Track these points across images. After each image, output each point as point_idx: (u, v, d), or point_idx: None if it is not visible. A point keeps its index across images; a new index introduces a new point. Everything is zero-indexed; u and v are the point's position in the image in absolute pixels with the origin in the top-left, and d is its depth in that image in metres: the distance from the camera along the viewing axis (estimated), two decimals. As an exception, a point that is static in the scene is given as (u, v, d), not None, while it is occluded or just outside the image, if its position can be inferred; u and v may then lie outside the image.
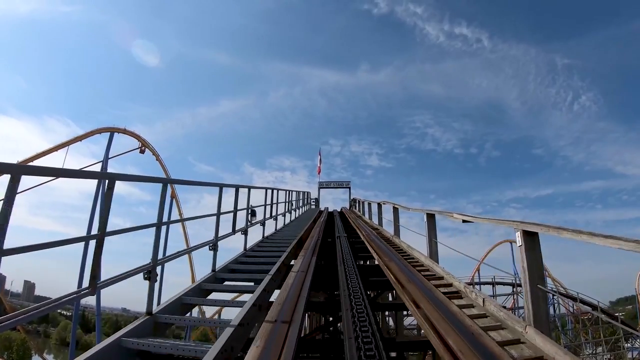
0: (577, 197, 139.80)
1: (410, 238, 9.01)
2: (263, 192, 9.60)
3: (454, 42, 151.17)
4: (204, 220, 5.63)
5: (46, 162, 28.26)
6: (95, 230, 2.94)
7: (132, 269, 3.44)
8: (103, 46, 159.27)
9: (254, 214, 8.11)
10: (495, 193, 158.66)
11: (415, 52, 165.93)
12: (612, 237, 2.64)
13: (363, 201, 18.69)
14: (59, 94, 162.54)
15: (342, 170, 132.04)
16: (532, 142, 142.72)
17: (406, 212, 9.88)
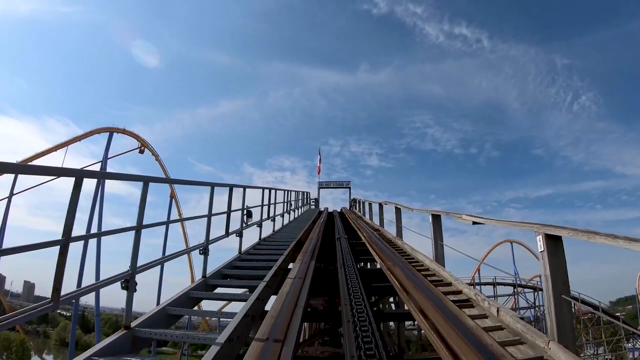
0: (576, 197, 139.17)
1: (411, 239, 8.70)
2: (260, 192, 9.24)
3: (453, 42, 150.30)
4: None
5: (46, 162, 28.02)
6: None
7: (108, 277, 3.08)
8: (103, 47, 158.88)
9: (249, 214, 7.72)
10: (495, 193, 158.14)
11: (415, 52, 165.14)
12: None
13: (363, 201, 18.32)
14: (59, 94, 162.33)
15: (342, 170, 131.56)
16: (532, 142, 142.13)
17: (406, 213, 9.49)
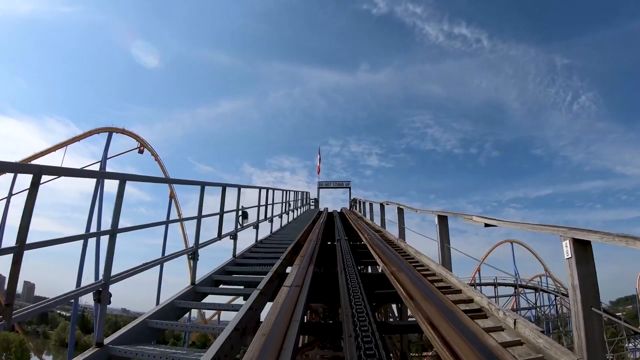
0: (576, 197, 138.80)
1: (413, 240, 8.33)
2: (257, 192, 8.84)
3: (453, 42, 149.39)
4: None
5: (45, 162, 27.70)
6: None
7: (79, 287, 2.72)
8: (103, 47, 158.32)
9: (245, 216, 7.34)
10: (495, 193, 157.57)
11: (415, 52, 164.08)
12: None
13: (364, 201, 17.93)
14: (58, 94, 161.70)
15: (341, 170, 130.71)
16: (532, 142, 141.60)
17: (406, 213, 9.11)
